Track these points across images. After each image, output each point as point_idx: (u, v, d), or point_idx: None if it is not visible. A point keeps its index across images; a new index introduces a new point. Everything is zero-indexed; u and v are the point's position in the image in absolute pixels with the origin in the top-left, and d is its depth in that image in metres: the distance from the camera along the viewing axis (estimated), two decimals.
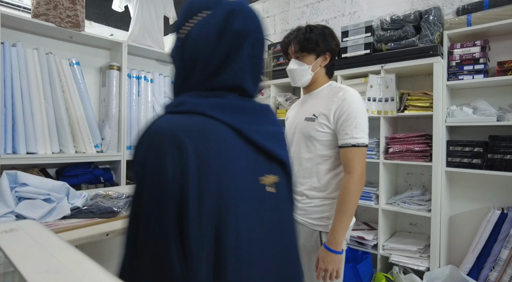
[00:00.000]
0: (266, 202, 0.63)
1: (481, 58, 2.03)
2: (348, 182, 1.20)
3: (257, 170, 0.63)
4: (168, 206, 0.51)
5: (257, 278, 0.58)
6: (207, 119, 0.57)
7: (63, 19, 1.70)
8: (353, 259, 2.29)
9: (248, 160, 0.61)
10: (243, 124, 0.60)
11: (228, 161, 0.56)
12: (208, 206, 0.52)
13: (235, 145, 0.59)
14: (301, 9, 3.28)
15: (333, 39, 1.34)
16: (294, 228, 0.72)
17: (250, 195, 0.59)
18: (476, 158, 2.02)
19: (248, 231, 0.57)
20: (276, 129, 0.70)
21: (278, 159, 0.67)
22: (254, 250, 0.58)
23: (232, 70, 0.62)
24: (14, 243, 0.43)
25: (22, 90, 1.62)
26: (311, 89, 1.40)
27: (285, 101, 2.94)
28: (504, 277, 1.94)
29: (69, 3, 1.72)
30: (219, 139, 0.56)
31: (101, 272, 0.37)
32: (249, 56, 0.63)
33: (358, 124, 1.21)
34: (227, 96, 0.62)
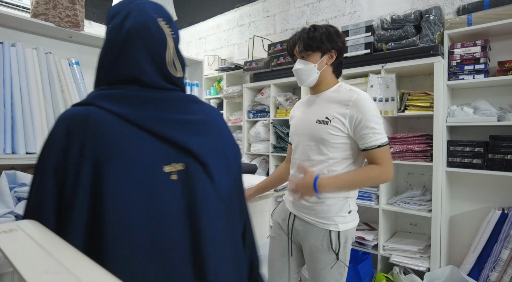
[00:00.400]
0: (168, 190, 0.66)
1: (481, 58, 2.02)
2: (378, 170, 1.24)
3: (156, 157, 0.66)
4: (49, 171, 0.62)
5: (134, 258, 0.62)
6: (95, 108, 0.65)
7: (63, 19, 1.69)
8: (353, 260, 2.28)
9: (145, 147, 0.66)
10: (133, 112, 0.66)
11: (104, 144, 0.62)
12: (84, 177, 0.60)
13: (119, 130, 0.64)
14: (301, 9, 3.27)
15: (338, 37, 1.32)
16: (209, 216, 0.71)
17: (139, 180, 0.63)
18: (477, 158, 2.02)
19: (128, 215, 0.62)
20: (191, 117, 0.73)
21: (183, 147, 0.69)
22: (134, 234, 0.62)
23: (126, 64, 0.70)
24: (13, 243, 0.43)
25: (22, 90, 1.61)
26: (319, 89, 1.37)
27: (285, 101, 2.94)
28: (504, 277, 1.93)
29: (68, 3, 1.72)
30: (99, 124, 0.63)
31: (100, 272, 0.37)
32: (143, 51, 0.70)
33: (378, 126, 1.23)
34: (123, 88, 0.69)
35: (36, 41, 1.77)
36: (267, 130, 3.12)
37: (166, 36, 0.73)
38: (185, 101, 0.75)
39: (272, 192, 1.69)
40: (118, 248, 0.60)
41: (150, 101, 0.69)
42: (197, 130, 0.73)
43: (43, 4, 1.62)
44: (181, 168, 0.69)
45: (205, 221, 0.70)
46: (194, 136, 0.72)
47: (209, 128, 0.76)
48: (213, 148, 0.75)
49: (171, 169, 0.68)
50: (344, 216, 1.30)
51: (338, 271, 1.29)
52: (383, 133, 1.24)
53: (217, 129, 0.79)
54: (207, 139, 0.75)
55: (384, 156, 1.24)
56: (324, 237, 1.29)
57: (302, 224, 1.35)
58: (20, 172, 1.24)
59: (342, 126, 1.25)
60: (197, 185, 0.70)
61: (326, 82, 1.36)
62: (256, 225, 1.96)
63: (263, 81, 3.13)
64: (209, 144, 0.75)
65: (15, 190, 1.16)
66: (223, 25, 4.15)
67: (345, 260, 1.31)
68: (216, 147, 0.77)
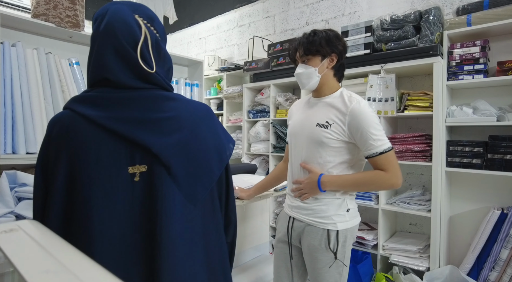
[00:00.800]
0: (130, 191, 0.68)
1: (481, 58, 2.03)
2: (383, 175, 1.25)
3: (121, 158, 0.68)
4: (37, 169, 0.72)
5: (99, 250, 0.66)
6: (69, 112, 0.71)
7: (63, 19, 1.69)
8: (353, 259, 2.28)
9: (112, 148, 0.68)
10: (99, 114, 0.68)
11: (76, 145, 0.68)
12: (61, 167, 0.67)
13: (86, 132, 0.68)
14: (301, 9, 3.28)
15: (338, 40, 1.34)
16: (170, 219, 0.69)
17: (106, 180, 0.67)
18: (476, 158, 2.02)
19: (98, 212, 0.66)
20: (160, 115, 0.72)
21: (145, 147, 0.69)
22: (96, 235, 0.66)
23: (96, 65, 0.73)
24: (13, 243, 0.43)
25: (22, 90, 1.61)
26: (321, 92, 1.38)
27: (285, 101, 2.94)
28: (504, 277, 1.94)
29: (68, 3, 1.72)
30: (71, 127, 0.69)
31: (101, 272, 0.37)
32: (111, 51, 0.71)
33: (377, 132, 1.23)
34: (95, 90, 0.72)
35: (36, 41, 1.77)
36: (267, 130, 3.12)
37: (137, 33, 0.72)
38: (155, 99, 0.73)
39: (272, 192, 1.70)
40: (81, 247, 0.60)
41: (118, 101, 0.70)
42: (164, 129, 0.71)
43: (44, 5, 1.62)
44: (143, 170, 0.69)
45: (165, 225, 0.68)
46: (159, 136, 0.70)
47: (180, 125, 0.73)
48: (183, 147, 0.72)
49: (135, 170, 0.69)
50: (342, 215, 1.30)
51: (336, 270, 1.29)
52: (384, 139, 1.24)
53: (191, 126, 0.74)
54: (176, 138, 0.71)
55: (389, 162, 1.24)
56: (322, 236, 1.29)
57: (301, 225, 1.35)
58: (21, 172, 1.25)
59: (342, 131, 1.26)
60: (158, 188, 0.68)
61: (328, 85, 1.36)
62: (256, 225, 1.98)
63: (263, 81, 3.13)
64: (178, 144, 0.71)
65: (16, 190, 1.17)
66: (223, 25, 4.15)
67: (344, 260, 1.31)
68: (188, 146, 0.73)
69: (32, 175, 1.25)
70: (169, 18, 3.20)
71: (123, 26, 0.71)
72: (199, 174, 0.74)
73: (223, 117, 3.75)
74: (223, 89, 3.68)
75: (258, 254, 1.95)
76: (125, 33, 0.71)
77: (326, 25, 3.06)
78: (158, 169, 0.69)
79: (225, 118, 3.71)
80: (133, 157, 0.69)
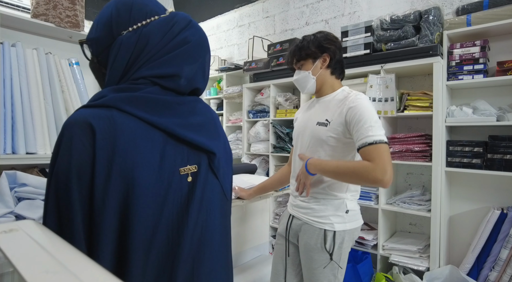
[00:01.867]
0: (183, 191, 0.68)
1: (480, 58, 2.03)
2: (367, 165, 1.13)
3: (176, 160, 0.68)
4: (73, 177, 0.57)
5: (154, 262, 0.64)
6: (117, 111, 0.62)
7: (63, 19, 1.69)
8: (353, 259, 2.28)
9: (166, 151, 0.66)
10: (156, 116, 0.65)
11: (134, 150, 0.61)
12: (114, 184, 0.59)
13: (146, 136, 0.64)
14: (301, 9, 3.28)
15: (327, 40, 1.35)
16: (214, 218, 0.74)
17: (161, 185, 0.64)
18: (476, 158, 2.02)
19: (153, 219, 0.63)
20: (203, 119, 0.75)
21: (201, 148, 0.72)
22: (158, 237, 0.64)
23: (168, 62, 0.70)
24: (13, 243, 0.43)
25: (22, 90, 1.61)
26: (321, 92, 1.40)
27: (285, 101, 2.94)
28: (504, 277, 1.94)
29: (68, 3, 1.72)
30: (127, 130, 0.61)
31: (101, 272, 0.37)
32: (199, 63, 0.75)
33: (370, 122, 1.17)
34: (144, 89, 0.67)
35: (36, 41, 1.77)
36: (267, 130, 3.12)
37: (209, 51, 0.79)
38: (193, 102, 0.76)
39: (272, 192, 1.70)
40: (140, 256, 0.61)
41: (167, 104, 0.69)
42: (208, 132, 0.76)
43: (43, 5, 1.62)
44: (194, 169, 0.71)
45: (211, 227, 0.73)
46: (206, 137, 0.74)
47: (216, 128, 0.79)
48: (222, 149, 0.78)
49: (187, 171, 0.69)
50: (341, 216, 1.30)
51: (331, 272, 1.29)
52: (378, 131, 1.17)
53: (221, 130, 0.82)
54: (218, 140, 0.78)
55: (378, 155, 1.12)
56: (319, 236, 1.29)
57: (299, 224, 1.36)
58: (20, 172, 1.25)
59: (341, 127, 1.26)
60: (206, 185, 0.72)
61: (327, 85, 1.38)
62: (256, 225, 1.98)
63: (262, 81, 3.13)
64: (220, 145, 0.78)
65: (15, 190, 1.17)
66: (223, 25, 4.15)
67: (340, 262, 1.30)
68: (224, 148, 0.80)
69: (32, 175, 1.25)
70: None
71: (207, 45, 0.78)
72: (229, 174, 0.81)
73: (223, 117, 3.75)
74: (223, 89, 3.68)
75: (258, 254, 1.95)
76: (208, 50, 0.78)
77: (326, 25, 3.06)
78: (205, 168, 0.73)
79: (225, 118, 3.71)
80: (183, 158, 0.69)
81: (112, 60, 0.69)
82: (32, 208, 1.14)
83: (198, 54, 0.74)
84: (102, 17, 0.72)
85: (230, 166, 0.82)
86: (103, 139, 0.59)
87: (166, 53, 0.69)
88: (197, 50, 0.74)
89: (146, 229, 0.62)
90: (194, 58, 0.73)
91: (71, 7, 1.70)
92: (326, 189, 1.31)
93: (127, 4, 0.71)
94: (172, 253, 0.66)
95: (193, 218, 0.69)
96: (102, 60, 0.73)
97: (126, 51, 0.68)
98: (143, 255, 0.62)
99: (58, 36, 1.85)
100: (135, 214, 0.60)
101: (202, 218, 0.71)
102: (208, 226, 0.72)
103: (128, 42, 0.68)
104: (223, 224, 0.78)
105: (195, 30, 0.74)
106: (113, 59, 0.69)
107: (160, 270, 0.65)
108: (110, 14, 0.71)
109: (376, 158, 1.12)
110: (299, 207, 1.37)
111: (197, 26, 0.76)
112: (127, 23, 0.70)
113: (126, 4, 0.71)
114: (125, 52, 0.68)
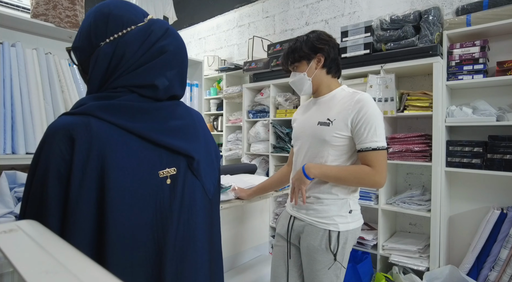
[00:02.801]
0: (163, 194, 0.70)
1: (480, 58, 2.03)
2: (368, 171, 1.22)
3: (154, 164, 0.70)
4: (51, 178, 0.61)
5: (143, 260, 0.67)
6: (94, 119, 0.65)
7: (63, 19, 1.69)
8: (353, 259, 2.29)
9: (143, 155, 0.68)
10: (131, 122, 0.67)
11: (109, 155, 0.64)
12: (88, 186, 0.61)
13: (121, 141, 0.66)
14: (301, 9, 3.28)
15: (320, 40, 1.35)
16: (196, 219, 0.77)
17: (137, 187, 0.66)
18: (476, 158, 2.02)
19: (132, 219, 0.65)
20: (182, 122, 0.77)
21: (179, 152, 0.74)
22: (137, 238, 0.66)
23: (144, 71, 0.72)
24: (13, 243, 0.43)
25: (21, 90, 1.61)
26: (319, 93, 1.39)
27: (285, 101, 2.94)
28: (503, 277, 1.94)
29: (68, 3, 1.72)
30: (103, 136, 0.64)
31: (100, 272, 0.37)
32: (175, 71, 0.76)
33: (377, 128, 1.22)
34: (121, 97, 0.69)
35: (36, 41, 1.77)
36: (267, 130, 3.12)
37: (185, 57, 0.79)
38: (172, 107, 0.78)
39: (272, 192, 1.70)
40: (119, 255, 0.64)
41: (147, 111, 0.72)
42: (186, 135, 0.77)
43: (43, 5, 1.62)
44: (173, 172, 0.73)
45: (193, 224, 0.75)
46: (185, 141, 0.76)
47: (197, 131, 0.81)
48: (203, 151, 0.80)
49: (165, 174, 0.71)
50: (344, 216, 1.30)
51: (334, 272, 1.29)
52: (382, 137, 1.23)
53: (202, 132, 0.83)
54: (198, 142, 0.80)
55: (378, 161, 1.22)
56: (323, 237, 1.28)
57: (301, 225, 1.35)
58: (20, 172, 1.24)
59: (344, 127, 1.26)
60: (186, 187, 0.75)
61: (324, 84, 1.38)
62: (256, 225, 1.98)
63: (262, 81, 3.13)
64: (200, 147, 0.79)
65: (15, 190, 1.17)
66: (223, 25, 4.15)
67: (343, 262, 1.30)
68: (206, 150, 0.82)
69: None
70: (169, 18, 3.20)
71: (185, 52, 0.79)
72: (211, 173, 0.83)
73: (222, 117, 3.75)
74: (223, 89, 3.68)
75: (257, 254, 1.95)
76: (185, 58, 0.79)
77: (326, 25, 3.06)
78: (185, 170, 0.75)
79: (224, 118, 3.71)
80: (161, 161, 0.71)
81: (91, 69, 0.72)
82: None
83: (176, 63, 0.75)
84: (83, 27, 0.74)
85: (213, 166, 0.84)
86: (80, 144, 0.62)
87: (143, 63, 0.71)
88: (175, 58, 0.75)
89: (124, 228, 0.64)
90: (171, 67, 0.74)
91: (71, 7, 1.70)
92: (330, 189, 1.30)
93: (104, 15, 0.73)
94: (160, 252, 0.69)
95: (176, 217, 0.72)
96: (85, 68, 0.75)
97: (103, 61, 0.71)
98: (125, 254, 0.64)
99: (58, 36, 1.85)
100: (111, 215, 0.62)
101: (184, 217, 0.74)
102: (190, 224, 0.75)
103: (105, 53, 0.71)
104: (207, 221, 0.81)
105: (172, 39, 0.75)
106: (91, 69, 0.72)
107: (149, 268, 0.68)
108: (89, 24, 0.73)
109: (376, 164, 1.21)
110: (301, 208, 1.35)
111: (175, 34, 0.77)
112: (104, 34, 0.72)
113: (103, 15, 0.73)
114: (102, 63, 0.71)
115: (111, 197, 0.63)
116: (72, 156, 0.61)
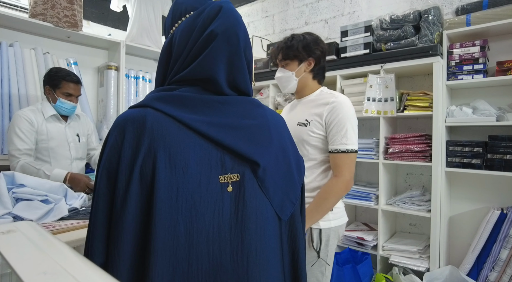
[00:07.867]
0: (222, 203, 0.60)
1: (480, 58, 2.03)
2: (333, 184, 1.27)
3: (216, 166, 0.61)
4: (101, 171, 0.59)
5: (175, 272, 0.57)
6: (152, 110, 0.60)
7: (61, 19, 1.68)
8: (352, 260, 2.28)
9: (202, 153, 0.60)
10: (187, 114, 0.60)
11: (164, 150, 0.57)
12: (134, 184, 0.56)
13: (179, 136, 0.59)
14: (300, 9, 3.28)
15: (315, 45, 1.37)
16: (261, 229, 0.64)
17: (194, 191, 0.58)
18: (476, 158, 2.02)
19: (180, 227, 0.57)
20: (251, 122, 0.66)
21: (242, 156, 0.62)
22: (194, 249, 0.58)
23: (202, 64, 0.64)
24: (11, 244, 0.43)
25: (20, 90, 1.60)
26: (301, 94, 1.44)
27: (284, 101, 2.94)
28: (503, 277, 1.94)
29: (66, 3, 1.71)
30: (158, 127, 0.58)
31: (99, 274, 0.37)
32: (225, 58, 0.65)
33: (348, 130, 1.26)
34: (183, 89, 0.64)
35: (34, 41, 1.76)
36: None
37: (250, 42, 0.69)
38: (246, 105, 0.68)
39: None
40: (161, 262, 0.55)
41: (209, 104, 0.63)
42: (258, 138, 0.66)
43: (41, 4, 1.61)
44: (236, 179, 0.62)
45: (259, 242, 0.63)
46: (253, 144, 0.65)
47: (269, 134, 0.68)
48: (273, 158, 0.67)
49: (227, 179, 0.61)
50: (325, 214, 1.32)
51: (319, 269, 1.30)
52: (352, 140, 1.27)
53: (277, 136, 0.70)
54: (268, 147, 0.67)
55: (345, 163, 1.26)
56: (308, 235, 1.30)
57: None
58: (18, 172, 1.24)
59: (320, 126, 1.30)
60: (251, 200, 0.63)
61: (308, 87, 1.42)
62: None
63: (262, 81, 3.13)
64: (270, 153, 0.67)
65: (13, 191, 1.16)
66: None
67: (327, 259, 1.32)
68: (280, 158, 0.69)
69: (30, 176, 1.25)
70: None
71: (245, 34, 0.67)
72: (286, 189, 0.69)
73: None
74: None
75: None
76: (245, 42, 0.67)
77: (326, 25, 3.06)
78: (250, 179, 0.63)
79: None
80: (223, 165, 0.61)
81: (158, 63, 0.70)
82: (30, 209, 1.13)
83: (226, 50, 0.64)
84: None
85: (291, 179, 0.70)
86: (129, 137, 0.58)
87: (198, 53, 0.63)
88: (227, 44, 0.64)
89: (171, 235, 0.56)
90: (223, 55, 0.64)
91: (69, 6, 1.70)
92: (312, 190, 1.34)
93: (172, 6, 0.71)
94: (213, 270, 0.59)
95: (238, 235, 0.61)
96: None
97: (162, 54, 0.68)
98: (171, 268, 0.56)
99: (56, 36, 1.85)
100: (157, 219, 0.55)
101: (247, 238, 0.62)
102: (257, 247, 0.62)
103: (164, 46, 0.68)
104: (275, 246, 0.67)
105: (224, 19, 0.63)
106: (158, 62, 0.70)
107: (202, 278, 0.58)
108: (167, 17, 0.72)
109: (342, 166, 1.26)
110: None
111: (227, 13, 0.64)
112: (170, 27, 0.70)
113: (172, 6, 0.71)
114: (162, 56, 0.69)
115: (160, 198, 0.55)
116: (121, 150, 0.57)
